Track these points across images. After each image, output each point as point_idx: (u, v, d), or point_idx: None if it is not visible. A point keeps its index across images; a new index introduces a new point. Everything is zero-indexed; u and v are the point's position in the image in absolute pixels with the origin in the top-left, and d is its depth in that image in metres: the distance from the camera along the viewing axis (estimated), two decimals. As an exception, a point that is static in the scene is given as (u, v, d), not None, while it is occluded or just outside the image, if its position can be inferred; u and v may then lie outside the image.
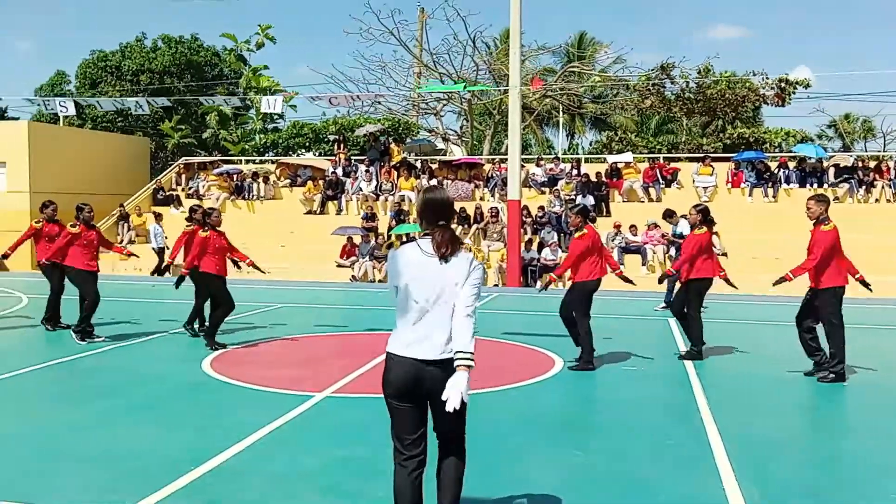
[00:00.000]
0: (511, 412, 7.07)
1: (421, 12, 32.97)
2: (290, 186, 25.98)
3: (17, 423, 6.67)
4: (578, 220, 9.36)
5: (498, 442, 6.14)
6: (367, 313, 14.66)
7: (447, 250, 3.86)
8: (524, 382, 8.37)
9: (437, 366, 3.80)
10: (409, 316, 3.87)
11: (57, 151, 24.27)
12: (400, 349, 3.86)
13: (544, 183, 23.93)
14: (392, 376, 3.89)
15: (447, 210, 4.00)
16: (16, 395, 7.80)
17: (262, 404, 7.31)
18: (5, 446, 5.98)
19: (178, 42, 39.61)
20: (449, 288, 3.83)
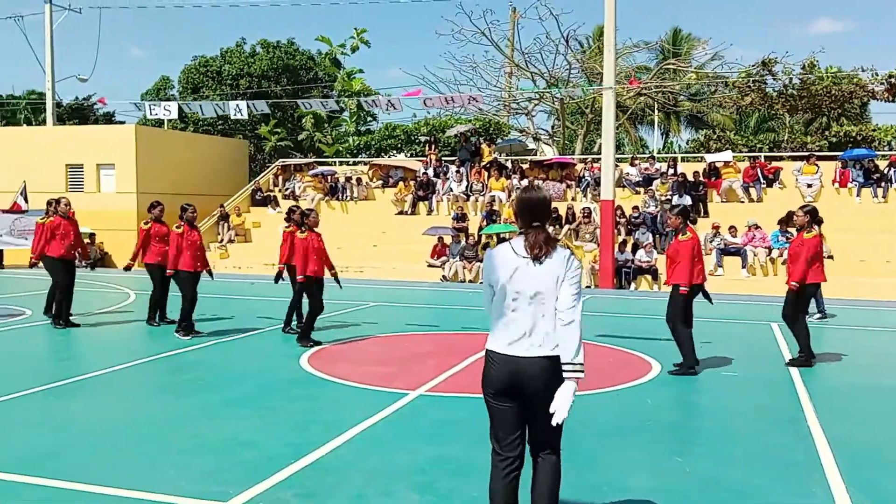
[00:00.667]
0: (608, 415, 6.97)
1: (513, 12, 32.89)
2: (382, 187, 26.30)
3: (125, 414, 6.95)
4: (679, 222, 9.06)
5: (594, 445, 6.05)
6: (458, 313, 14.70)
7: (540, 251, 3.81)
8: (620, 386, 8.23)
9: (537, 364, 3.76)
10: (506, 315, 3.84)
11: (161, 154, 25.23)
12: (500, 347, 3.83)
13: (639, 183, 23.52)
14: (492, 374, 3.86)
15: (543, 210, 3.93)
16: (123, 387, 8.12)
17: (358, 401, 7.41)
18: (114, 435, 6.23)
19: (275, 47, 40.62)
20: (545, 287, 3.79)
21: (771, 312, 14.53)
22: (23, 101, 43.35)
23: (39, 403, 7.23)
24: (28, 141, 26.00)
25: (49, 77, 28.36)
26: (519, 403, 3.85)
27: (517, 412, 3.86)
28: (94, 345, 10.72)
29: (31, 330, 11.68)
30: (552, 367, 3.75)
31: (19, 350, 10.39)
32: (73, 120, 40.98)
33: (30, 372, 8.84)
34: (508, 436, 3.89)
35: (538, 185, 4.17)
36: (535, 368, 3.75)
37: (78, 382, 8.12)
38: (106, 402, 7.38)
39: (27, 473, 5.22)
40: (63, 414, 6.88)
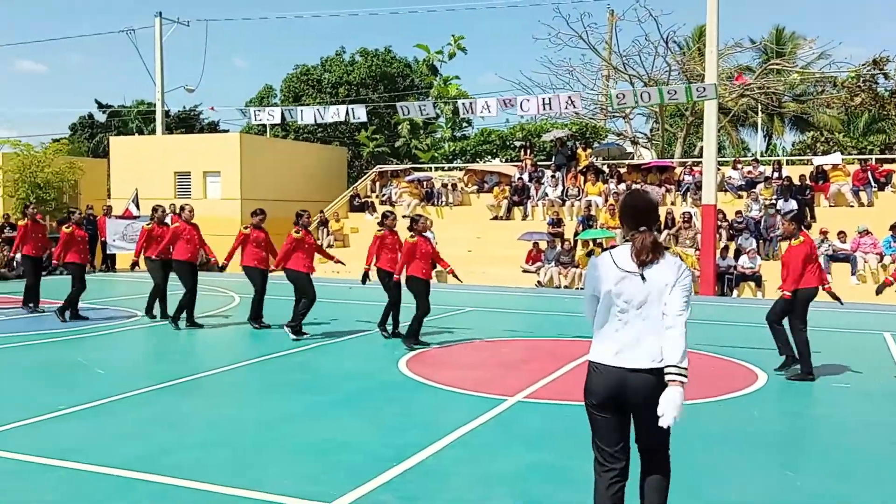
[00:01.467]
0: (713, 426, 6.81)
1: (611, 14, 32.51)
2: (478, 192, 26.39)
3: (234, 413, 7.21)
4: (793, 227, 8.99)
5: (700, 457, 5.93)
6: (553, 319, 14.62)
7: (647, 257, 3.73)
8: (725, 396, 8.03)
9: (644, 376, 3.69)
10: (611, 325, 3.78)
11: (264, 161, 25.98)
12: (605, 358, 3.77)
13: (741, 187, 22.87)
14: (596, 386, 3.80)
15: (650, 214, 3.86)
16: (232, 387, 8.42)
17: (457, 405, 7.48)
18: (224, 434, 6.47)
19: (373, 55, 41.31)
20: (652, 296, 3.71)
21: (883, 321, 13.91)
22: (133, 111, 45.41)
23: (155, 401, 7.58)
24: (139, 149, 27.19)
25: (159, 88, 29.62)
26: (623, 415, 3.80)
27: (621, 424, 3.82)
28: (204, 345, 11.15)
29: (144, 330, 12.23)
30: (658, 379, 3.69)
31: (135, 349, 10.93)
32: (181, 129, 42.66)
33: (145, 371, 9.30)
34: (612, 447, 3.85)
35: (644, 188, 4.10)
36: (642, 381, 3.69)
37: (190, 382, 8.46)
38: (216, 402, 7.69)
39: (142, 470, 5.46)
40: (177, 412, 7.19)
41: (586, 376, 3.88)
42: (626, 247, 3.82)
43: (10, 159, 25.65)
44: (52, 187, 25.39)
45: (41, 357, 9.92)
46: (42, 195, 24.99)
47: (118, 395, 7.69)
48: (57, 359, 9.76)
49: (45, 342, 10.91)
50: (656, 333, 3.71)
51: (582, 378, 3.93)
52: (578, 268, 20.62)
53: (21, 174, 25.07)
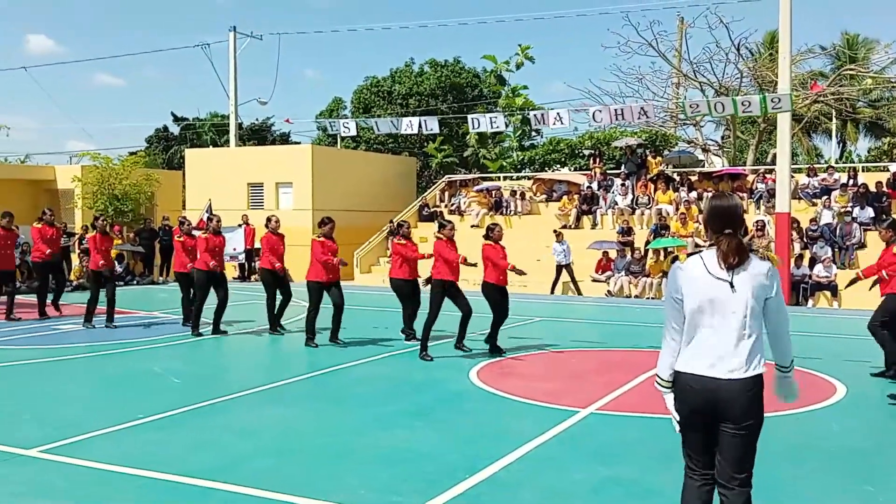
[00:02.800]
0: (791, 439, 6.67)
1: (681, 22, 32.14)
2: (546, 201, 26.31)
3: (309, 423, 7.36)
4: (891, 234, 9.16)
5: (777, 471, 5.82)
6: (624, 329, 14.50)
7: (735, 260, 3.67)
8: (803, 409, 7.86)
9: (736, 384, 3.63)
10: (700, 333, 3.73)
11: (335, 172, 26.37)
12: (695, 367, 3.72)
13: (816, 194, 22.31)
14: (686, 396, 3.76)
15: (735, 218, 3.79)
16: (304, 397, 8.57)
17: (528, 417, 7.50)
18: (299, 443, 6.61)
19: (442, 66, 41.61)
20: (742, 302, 3.66)
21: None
22: (207, 124, 46.61)
23: (229, 411, 7.77)
24: (213, 161, 27.88)
25: (232, 100, 30.40)
26: (714, 425, 3.73)
27: (713, 434, 3.75)
28: (277, 356, 11.40)
29: (218, 340, 12.53)
30: (754, 388, 3.64)
31: (210, 359, 11.23)
32: (253, 140, 43.61)
33: (221, 379, 9.56)
34: (703, 456, 3.81)
35: (729, 192, 4.10)
36: (737, 392, 3.63)
37: (263, 392, 8.66)
38: (289, 412, 7.82)
39: (218, 479, 5.60)
40: (251, 422, 7.35)
41: (676, 388, 3.83)
42: (713, 251, 3.77)
43: (90, 172, 26.56)
44: (130, 199, 26.20)
45: (119, 367, 10.25)
46: (120, 207, 25.83)
47: (193, 404, 7.90)
48: (134, 369, 10.05)
49: (122, 352, 11.25)
50: (747, 341, 3.66)
51: (656, 389, 3.93)
52: (649, 277, 20.40)
53: (100, 186, 25.93)
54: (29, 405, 7.98)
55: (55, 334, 12.89)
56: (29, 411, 7.68)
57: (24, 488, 5.44)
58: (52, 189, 27.91)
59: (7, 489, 5.42)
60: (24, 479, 5.65)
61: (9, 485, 5.51)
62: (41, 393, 8.63)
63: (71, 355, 10.91)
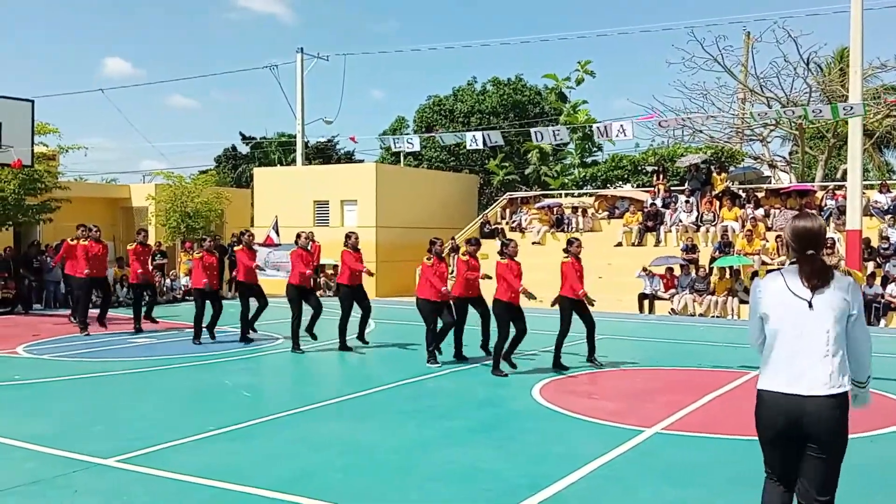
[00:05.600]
0: (868, 462, 6.48)
1: (747, 36, 31.65)
2: (609, 218, 26.16)
3: (373, 437, 7.45)
4: None
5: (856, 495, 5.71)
6: (688, 348, 14.30)
7: (818, 282, 3.69)
8: (879, 431, 7.66)
9: (820, 401, 3.61)
10: (782, 350, 3.72)
11: (398, 189, 26.70)
12: (777, 386, 3.70)
13: (888, 211, 21.72)
14: (769, 416, 3.73)
15: (819, 239, 3.80)
16: (369, 411, 8.69)
17: (593, 435, 7.49)
18: (363, 458, 6.72)
19: (504, 84, 41.76)
20: (827, 321, 3.65)
21: None
22: (274, 143, 47.54)
23: (298, 424, 7.94)
24: (280, 179, 28.53)
25: (299, 120, 31.02)
26: (797, 443, 3.70)
27: (795, 452, 3.73)
28: (343, 370, 11.59)
29: (286, 355, 12.77)
30: (839, 406, 3.62)
31: (279, 373, 11.49)
32: (318, 159, 44.33)
33: (288, 393, 9.80)
34: (786, 475, 3.81)
35: (812, 212, 4.10)
36: (822, 409, 3.61)
37: (330, 406, 8.83)
38: (355, 426, 7.94)
39: (288, 491, 5.72)
40: (318, 435, 7.51)
41: (756, 405, 3.81)
42: (795, 269, 3.78)
43: (163, 190, 27.48)
44: (201, 216, 26.98)
45: (190, 380, 10.58)
46: (191, 224, 26.60)
47: (263, 417, 8.10)
48: (205, 382, 10.37)
49: (193, 366, 11.58)
50: (830, 358, 3.64)
51: (723, 409, 3.96)
52: (714, 295, 20.11)
53: (173, 204, 26.78)
54: (101, 417, 8.26)
55: (127, 348, 13.33)
56: (101, 423, 7.95)
57: (103, 497, 5.66)
58: (127, 207, 28.89)
59: (88, 499, 5.65)
60: (105, 487, 5.88)
61: (90, 494, 5.73)
62: (112, 405, 8.93)
63: (140, 368, 11.28)
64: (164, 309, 19.91)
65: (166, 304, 21.46)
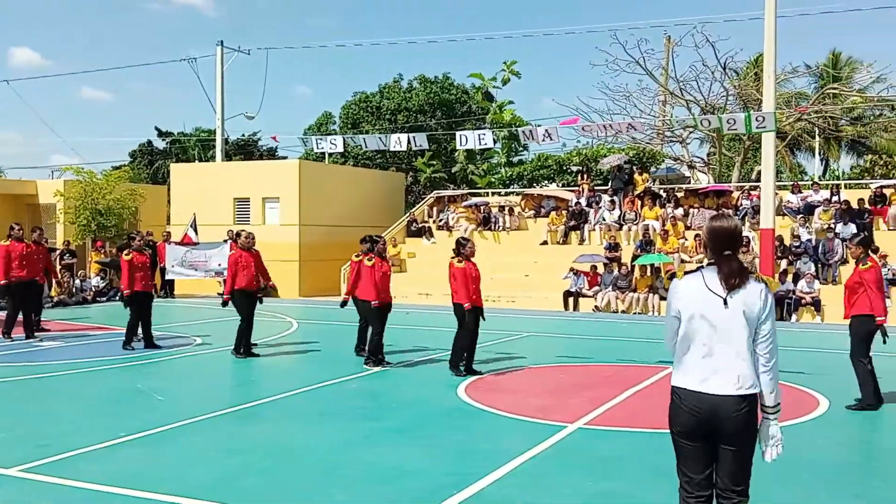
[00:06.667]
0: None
1: (667, 40, 32.38)
2: (535, 217, 26.38)
3: (295, 440, 7.29)
4: (860, 251, 8.78)
5: (766, 485, 5.82)
6: (611, 344, 14.51)
7: (736, 282, 3.73)
8: (786, 423, 7.85)
9: (732, 400, 3.68)
10: (697, 349, 3.77)
11: (323, 187, 26.31)
12: (691, 384, 3.76)
13: (799, 210, 22.48)
14: (683, 413, 3.78)
15: (735, 239, 3.86)
16: (291, 414, 8.50)
17: (516, 432, 7.48)
18: (285, 461, 6.55)
19: (431, 82, 41.73)
20: (740, 322, 3.72)
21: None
22: (193, 139, 46.49)
23: (216, 428, 7.71)
24: (199, 176, 27.75)
25: (219, 115, 30.35)
26: (710, 442, 3.77)
27: (708, 451, 3.79)
28: (262, 372, 11.30)
29: (203, 357, 12.45)
30: (749, 405, 3.70)
31: (194, 376, 11.13)
32: (239, 156, 43.50)
33: (206, 397, 9.46)
34: (698, 475, 3.82)
35: (728, 212, 4.12)
36: (732, 407, 3.68)
37: (250, 409, 8.61)
38: (277, 428, 7.77)
39: (204, 497, 5.54)
40: (237, 439, 7.29)
41: (671, 403, 3.86)
42: (714, 269, 3.82)
43: (73, 186, 26.21)
44: (113, 214, 25.92)
45: (101, 385, 10.14)
46: (103, 222, 25.56)
47: (178, 422, 7.81)
48: (116, 386, 9.94)
49: (104, 369, 11.12)
50: (742, 358, 3.71)
51: (644, 404, 3.97)
52: (636, 292, 20.47)
53: (83, 201, 25.62)
54: (6, 424, 7.83)
55: (33, 352, 12.74)
56: (6, 430, 7.52)
57: (6, 506, 5.38)
58: (33, 204, 27.67)
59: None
60: (6, 499, 5.56)
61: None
62: (16, 411, 8.50)
63: (49, 373, 10.79)
64: (74, 311, 19.24)
65: (76, 306, 20.70)
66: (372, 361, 11.09)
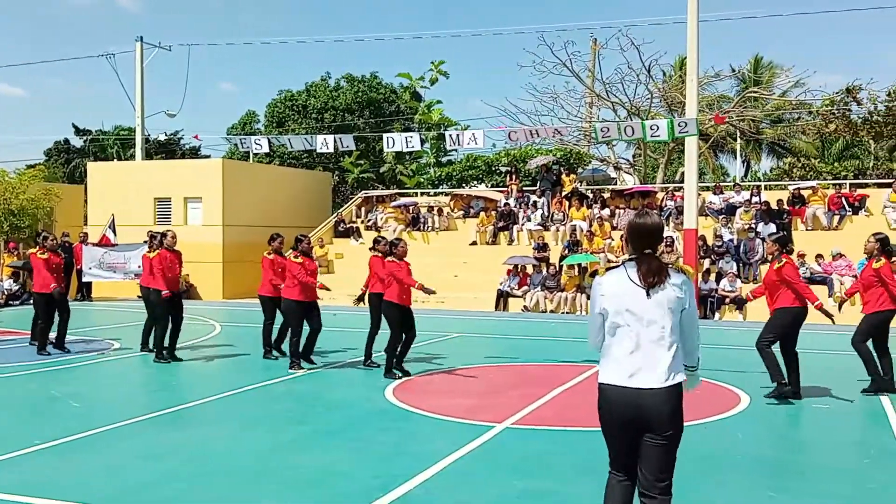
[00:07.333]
0: (698, 449, 6.74)
1: (594, 43, 32.83)
2: (464, 218, 26.43)
3: (220, 445, 7.10)
4: (775, 249, 9.13)
5: (686, 480, 5.89)
6: (539, 343, 14.60)
7: (655, 279, 3.79)
8: (708, 419, 8.03)
9: (660, 395, 3.74)
10: (622, 345, 3.81)
11: (247, 187, 25.83)
12: (618, 379, 3.80)
13: (721, 211, 23.06)
14: (611, 408, 3.83)
15: (655, 237, 3.91)
16: (217, 418, 8.31)
17: (445, 433, 7.43)
18: (210, 466, 6.38)
19: (359, 81, 41.43)
20: (663, 314, 3.78)
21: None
22: (112, 137, 45.16)
23: (136, 435, 7.44)
24: (118, 175, 26.92)
25: (139, 113, 29.47)
26: (637, 434, 3.82)
27: (635, 442, 3.84)
28: (186, 376, 11.00)
29: (123, 361, 12.07)
30: (674, 397, 3.77)
31: (113, 381, 10.75)
32: (161, 154, 42.43)
33: (126, 402, 9.13)
34: (627, 461, 3.90)
35: (650, 210, 4.18)
36: (658, 401, 3.74)
37: (172, 414, 8.35)
38: (201, 433, 7.56)
39: None
40: (160, 445, 7.06)
41: (599, 399, 3.90)
42: (634, 264, 3.87)
43: (-17, 185, 25.21)
44: (27, 214, 24.91)
45: (13, 391, 9.72)
46: (16, 222, 24.56)
47: (96, 428, 7.53)
48: (30, 393, 9.54)
49: (16, 376, 10.68)
50: (667, 349, 3.77)
51: (571, 402, 3.96)
52: (564, 292, 20.67)
53: (-6, 201, 24.59)
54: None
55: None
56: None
57: None
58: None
59: None
60: None
61: None
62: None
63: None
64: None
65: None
66: (296, 364, 10.88)
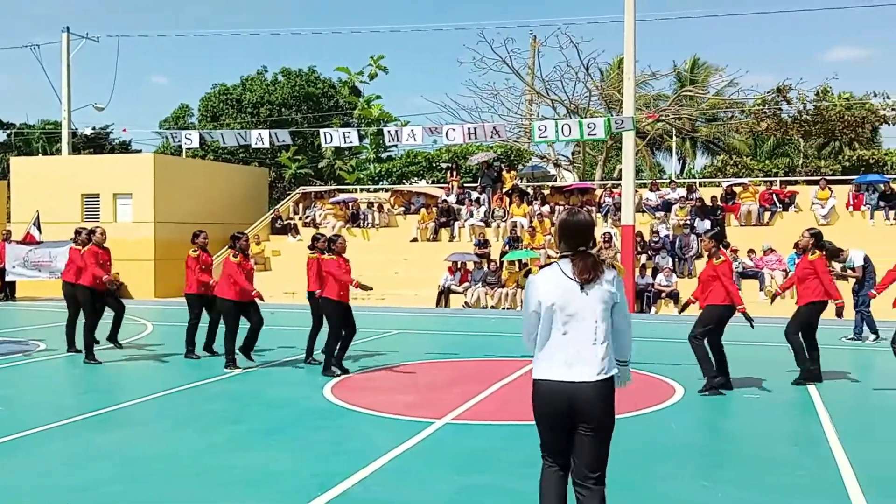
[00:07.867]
0: (632, 440, 6.82)
1: (533, 40, 33.04)
2: (404, 214, 26.31)
3: (156, 446, 6.91)
4: (712, 245, 9.26)
5: (620, 470, 5.92)
6: (480, 340, 14.60)
7: (589, 276, 3.82)
8: (643, 410, 8.13)
9: (594, 388, 3.78)
10: (557, 339, 3.84)
11: (180, 182, 25.22)
12: (552, 374, 3.83)
13: (658, 207, 23.44)
14: (545, 402, 3.87)
15: (587, 234, 3.94)
16: (151, 419, 8.09)
17: (384, 430, 7.36)
18: (146, 467, 6.19)
19: (296, 75, 40.86)
20: (597, 309, 3.82)
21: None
22: (38, 131, 43.74)
23: (66, 438, 7.20)
24: (43, 171, 25.98)
25: (65, 106, 28.55)
26: (572, 427, 3.87)
27: (570, 435, 3.89)
28: (117, 377, 10.69)
29: (49, 363, 11.67)
30: (607, 390, 3.82)
31: (40, 382, 10.36)
32: (89, 149, 41.20)
33: (53, 405, 8.79)
34: (562, 456, 3.95)
35: (580, 208, 4.20)
36: (592, 394, 3.78)
37: (104, 415, 8.10)
38: (135, 435, 7.35)
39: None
40: (90, 448, 6.84)
41: (533, 393, 3.92)
42: (567, 263, 3.89)
43: None
44: (-56, 210, 24.01)
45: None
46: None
47: (23, 431, 7.26)
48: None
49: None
50: (601, 343, 3.82)
51: (511, 396, 3.95)
52: (504, 288, 20.75)
53: None
54: None
55: None
56: None
57: None
58: None
59: None
60: None
61: None
62: None
63: None
64: None
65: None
66: (232, 363, 10.64)
